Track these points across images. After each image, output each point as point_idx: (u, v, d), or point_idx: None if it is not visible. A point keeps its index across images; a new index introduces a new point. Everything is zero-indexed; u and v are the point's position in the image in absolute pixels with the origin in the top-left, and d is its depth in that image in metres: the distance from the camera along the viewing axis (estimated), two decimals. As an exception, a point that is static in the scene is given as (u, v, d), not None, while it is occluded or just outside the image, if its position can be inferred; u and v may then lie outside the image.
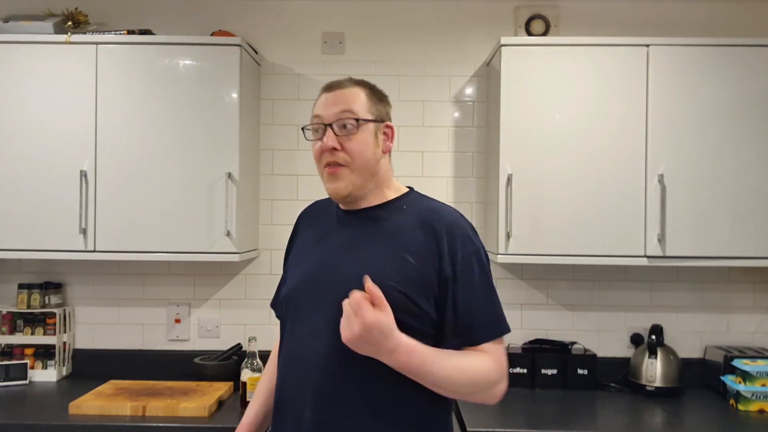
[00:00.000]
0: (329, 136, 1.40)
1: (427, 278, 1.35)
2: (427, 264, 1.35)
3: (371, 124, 1.43)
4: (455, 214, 1.45)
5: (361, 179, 1.42)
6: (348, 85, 1.46)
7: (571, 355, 2.65)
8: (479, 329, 1.36)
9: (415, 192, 1.53)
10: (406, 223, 1.41)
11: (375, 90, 1.49)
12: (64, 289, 2.81)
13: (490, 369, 1.34)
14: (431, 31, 2.83)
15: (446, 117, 2.82)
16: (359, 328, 1.22)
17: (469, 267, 1.37)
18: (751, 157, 2.42)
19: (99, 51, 2.46)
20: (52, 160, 2.45)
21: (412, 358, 1.28)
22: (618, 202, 2.42)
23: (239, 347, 2.74)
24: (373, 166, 1.43)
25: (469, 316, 1.35)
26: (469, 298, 1.36)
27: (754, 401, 2.38)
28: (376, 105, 1.46)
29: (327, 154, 1.42)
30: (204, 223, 2.45)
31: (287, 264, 1.60)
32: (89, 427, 2.14)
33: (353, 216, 1.47)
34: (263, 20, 2.83)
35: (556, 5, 2.80)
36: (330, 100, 1.43)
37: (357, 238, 1.43)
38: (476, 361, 1.34)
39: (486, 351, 1.35)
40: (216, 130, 2.46)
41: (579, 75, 2.45)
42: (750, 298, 2.77)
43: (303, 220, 1.64)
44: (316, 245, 1.49)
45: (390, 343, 1.25)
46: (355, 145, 1.40)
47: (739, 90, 2.42)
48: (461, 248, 1.37)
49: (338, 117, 1.41)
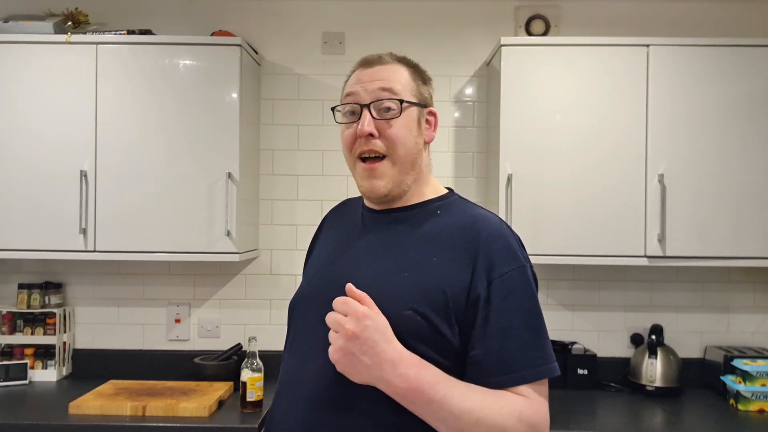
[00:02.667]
0: (366, 119, 1.18)
1: (452, 298, 1.10)
2: (456, 281, 1.11)
3: (415, 108, 1.22)
4: (499, 223, 1.19)
5: (402, 174, 1.20)
6: (389, 60, 1.24)
7: (571, 355, 2.65)
8: (515, 367, 1.07)
9: (454, 195, 1.29)
10: (438, 231, 1.18)
11: (419, 69, 1.28)
12: (64, 289, 2.81)
13: (522, 413, 1.05)
14: (431, 31, 2.83)
15: (446, 117, 2.82)
16: (353, 324, 1.03)
17: (508, 287, 1.10)
18: (752, 157, 2.42)
19: (99, 51, 2.46)
20: (52, 160, 2.45)
21: (423, 375, 1.04)
22: (618, 202, 2.42)
23: (239, 347, 2.74)
24: (415, 158, 1.21)
25: (503, 349, 1.08)
26: (505, 326, 1.09)
27: (754, 401, 2.38)
28: (421, 86, 1.25)
29: (362, 141, 1.19)
30: (204, 223, 2.45)
31: (305, 268, 1.41)
32: (89, 427, 2.14)
33: (380, 217, 1.26)
34: (263, 20, 2.83)
35: (556, 5, 2.80)
36: (368, 76, 1.21)
37: (376, 244, 1.22)
38: (508, 400, 1.06)
39: (524, 395, 1.07)
40: (216, 130, 2.46)
41: (579, 75, 2.45)
42: (750, 298, 2.77)
43: (328, 219, 1.43)
44: (334, 249, 1.30)
45: (391, 348, 1.04)
46: (398, 132, 1.18)
47: (739, 90, 2.42)
48: (501, 264, 1.12)
49: (378, 97, 1.19)
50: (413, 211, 1.24)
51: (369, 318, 1.05)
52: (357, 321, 1.04)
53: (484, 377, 1.08)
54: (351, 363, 1.05)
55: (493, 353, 1.08)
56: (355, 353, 1.04)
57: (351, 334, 1.04)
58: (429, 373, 1.05)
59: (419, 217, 1.23)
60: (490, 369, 1.08)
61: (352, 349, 1.04)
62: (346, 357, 1.05)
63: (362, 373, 1.05)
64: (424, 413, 1.05)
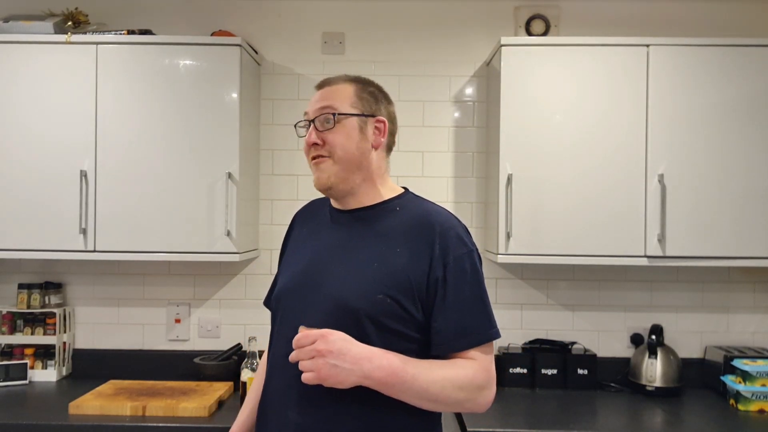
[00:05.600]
0: (311, 131, 1.43)
1: (415, 281, 1.33)
2: (417, 267, 1.34)
3: (354, 118, 1.42)
4: (448, 215, 1.43)
5: (345, 171, 1.41)
6: (337, 81, 1.47)
7: (571, 355, 2.65)
8: (469, 332, 1.33)
9: (410, 193, 1.51)
10: (398, 225, 1.40)
11: (367, 85, 1.48)
12: (64, 289, 2.81)
13: (475, 374, 1.31)
14: (431, 31, 2.83)
15: (446, 117, 2.82)
16: (323, 344, 1.22)
17: (461, 269, 1.35)
18: (752, 157, 2.42)
19: (99, 51, 2.46)
20: (51, 160, 2.45)
21: (393, 361, 1.25)
22: (618, 202, 2.42)
23: (239, 347, 2.74)
24: (358, 159, 1.42)
25: (460, 318, 1.33)
26: (460, 300, 1.34)
27: (754, 401, 2.38)
28: (364, 100, 1.45)
29: (312, 149, 1.43)
30: (204, 223, 2.45)
31: (281, 263, 1.60)
32: (89, 427, 2.14)
33: (345, 216, 1.47)
34: (263, 20, 2.83)
35: (556, 5, 2.80)
36: (316, 96, 1.46)
37: (347, 240, 1.42)
38: (462, 369, 1.31)
39: (473, 358, 1.33)
40: (216, 130, 2.46)
41: (579, 75, 2.45)
42: (750, 298, 2.77)
43: (298, 218, 1.63)
44: (307, 245, 1.49)
45: (360, 349, 1.24)
46: (336, 138, 1.40)
47: (739, 90, 2.42)
48: (453, 250, 1.35)
49: (320, 113, 1.42)
50: (374, 210, 1.44)
51: (331, 334, 1.24)
52: (324, 341, 1.23)
53: (446, 342, 1.33)
54: (335, 374, 1.23)
55: (452, 322, 1.33)
56: (335, 364, 1.22)
57: (326, 351, 1.22)
58: (396, 358, 1.27)
59: (381, 215, 1.43)
60: (450, 335, 1.33)
61: (332, 361, 1.22)
62: (330, 370, 1.23)
63: (348, 377, 1.24)
64: (402, 392, 1.27)
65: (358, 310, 1.31)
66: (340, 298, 1.33)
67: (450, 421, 2.39)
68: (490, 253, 2.64)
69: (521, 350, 2.69)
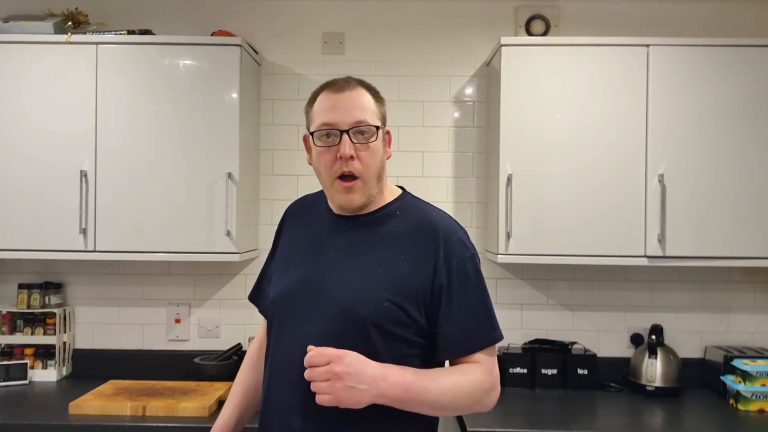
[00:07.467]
0: (346, 143, 1.33)
1: (420, 288, 1.33)
2: (422, 273, 1.33)
3: (380, 131, 1.38)
4: (449, 220, 1.42)
5: (370, 188, 1.38)
6: (354, 86, 1.39)
7: (571, 355, 2.65)
8: (474, 336, 1.34)
9: (408, 195, 1.48)
10: (400, 230, 1.39)
11: (376, 91, 1.43)
12: (64, 289, 2.81)
13: (482, 379, 1.32)
14: (431, 31, 2.83)
15: (446, 117, 2.82)
16: (339, 367, 1.21)
17: (464, 273, 1.35)
18: (752, 157, 2.42)
19: (99, 51, 2.46)
20: (52, 160, 2.45)
21: (406, 376, 1.26)
22: (618, 202, 2.42)
23: (239, 347, 2.74)
24: (379, 174, 1.39)
25: (465, 323, 1.33)
26: (465, 305, 1.34)
27: (754, 401, 2.38)
28: (380, 108, 1.41)
29: (340, 163, 1.34)
30: (204, 223, 2.45)
31: (273, 261, 1.55)
32: (89, 427, 2.14)
33: (347, 222, 1.43)
34: (263, 20, 2.83)
35: (556, 5, 2.80)
36: (341, 103, 1.35)
37: (350, 245, 1.39)
38: (470, 375, 1.32)
39: (478, 361, 1.34)
40: (216, 130, 2.46)
41: (579, 75, 2.45)
42: (750, 298, 2.77)
43: (290, 216, 1.58)
44: (308, 250, 1.44)
45: (373, 367, 1.24)
46: (370, 155, 1.36)
47: (739, 90, 2.42)
48: (456, 255, 1.35)
49: (355, 124, 1.34)
50: (376, 215, 1.42)
51: (346, 355, 1.23)
52: (341, 363, 1.22)
53: (452, 347, 1.34)
54: (352, 395, 1.22)
55: (457, 327, 1.33)
56: (353, 386, 1.22)
57: (343, 373, 1.21)
58: (408, 373, 1.27)
59: (382, 220, 1.41)
60: (456, 340, 1.33)
61: (349, 383, 1.22)
62: (347, 393, 1.22)
63: (364, 398, 1.23)
64: (414, 405, 1.28)
65: (365, 317, 1.30)
66: (345, 305, 1.32)
67: (450, 421, 2.39)
68: (490, 253, 2.64)
69: (521, 350, 2.69)
